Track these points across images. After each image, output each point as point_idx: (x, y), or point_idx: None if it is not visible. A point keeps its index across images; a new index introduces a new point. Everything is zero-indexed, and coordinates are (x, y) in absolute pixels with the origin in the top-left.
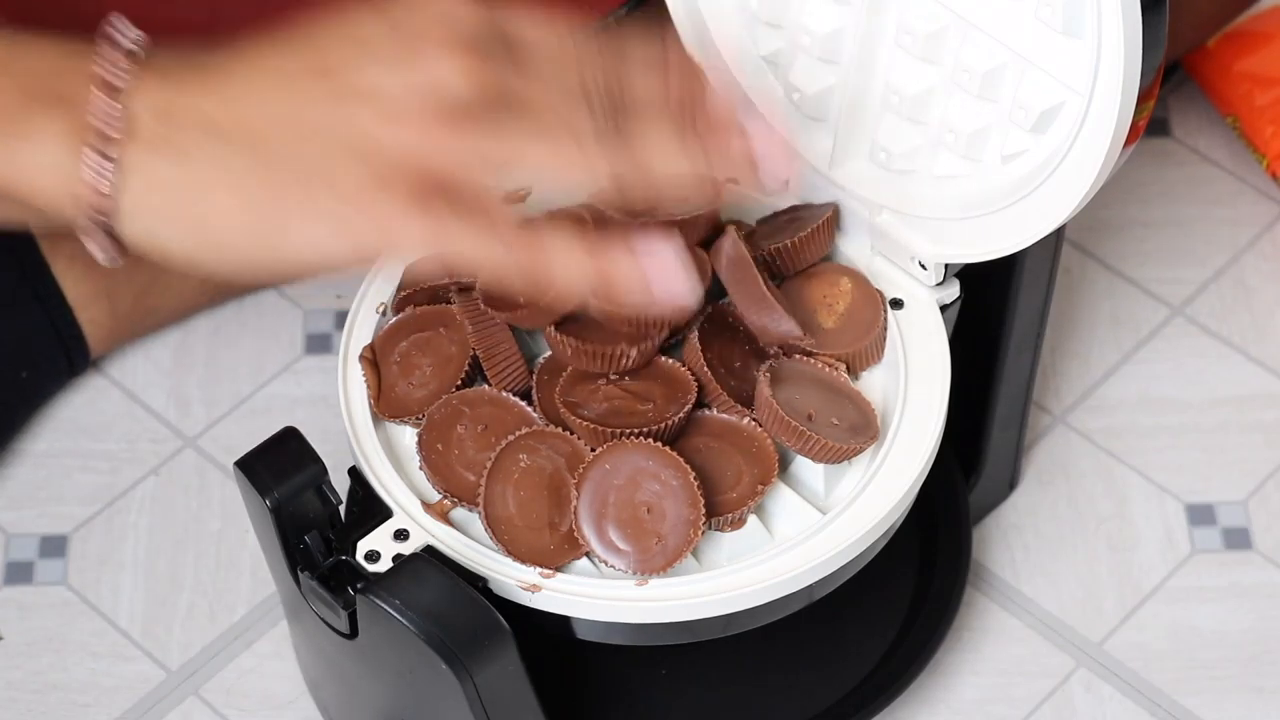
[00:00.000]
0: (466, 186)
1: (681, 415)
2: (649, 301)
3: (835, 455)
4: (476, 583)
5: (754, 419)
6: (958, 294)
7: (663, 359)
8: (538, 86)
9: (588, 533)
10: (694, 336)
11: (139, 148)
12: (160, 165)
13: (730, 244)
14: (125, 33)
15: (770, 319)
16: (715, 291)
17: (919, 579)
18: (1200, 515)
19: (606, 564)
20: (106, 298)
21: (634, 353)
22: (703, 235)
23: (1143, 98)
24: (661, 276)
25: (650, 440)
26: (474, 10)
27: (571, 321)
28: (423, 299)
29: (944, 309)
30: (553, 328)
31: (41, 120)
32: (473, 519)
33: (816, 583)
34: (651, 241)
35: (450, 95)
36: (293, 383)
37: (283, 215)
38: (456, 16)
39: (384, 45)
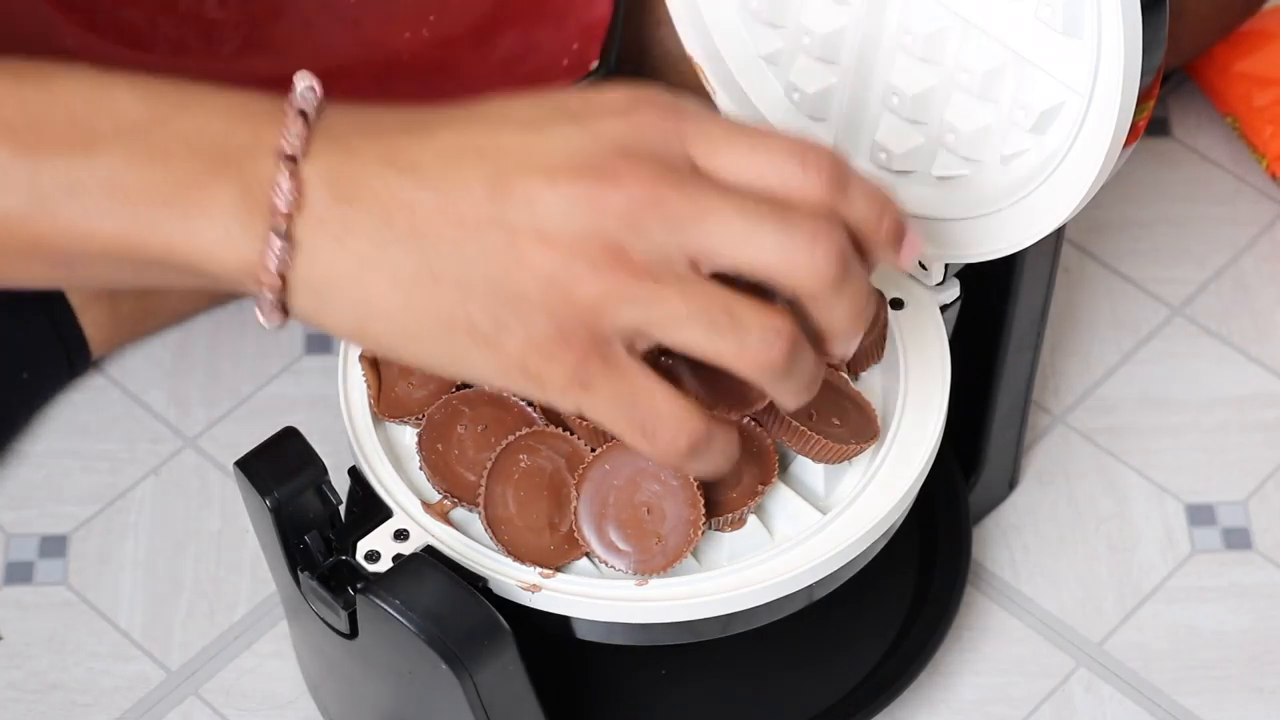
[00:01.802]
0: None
1: None
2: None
3: (835, 455)
4: (476, 583)
5: (754, 419)
6: (958, 294)
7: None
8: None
9: (588, 533)
10: None
11: (309, 224)
12: (326, 244)
13: None
14: (304, 92)
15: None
16: None
17: (919, 579)
18: (1200, 515)
19: (606, 564)
20: (108, 299)
21: None
22: None
23: (1143, 98)
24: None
25: None
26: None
27: None
28: None
29: (944, 309)
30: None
31: (216, 190)
32: (473, 519)
33: (816, 583)
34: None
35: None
36: (293, 383)
37: (446, 343)
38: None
39: (582, 162)
